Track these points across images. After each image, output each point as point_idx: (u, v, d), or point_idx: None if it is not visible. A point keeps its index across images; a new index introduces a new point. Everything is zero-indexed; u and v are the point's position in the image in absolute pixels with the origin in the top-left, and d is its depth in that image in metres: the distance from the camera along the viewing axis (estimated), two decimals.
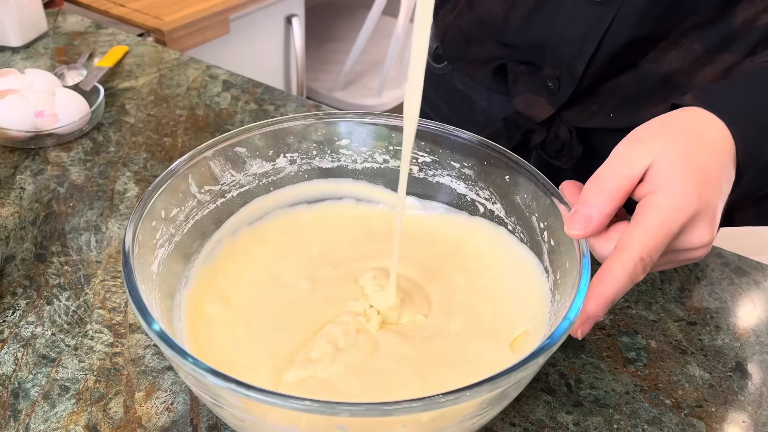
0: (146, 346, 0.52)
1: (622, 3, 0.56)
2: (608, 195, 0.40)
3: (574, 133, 0.66)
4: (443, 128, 0.52)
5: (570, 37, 0.60)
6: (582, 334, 0.39)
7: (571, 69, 0.62)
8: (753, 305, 0.58)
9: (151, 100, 0.83)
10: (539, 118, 0.67)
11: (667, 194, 0.39)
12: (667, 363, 0.53)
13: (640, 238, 0.38)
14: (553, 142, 0.68)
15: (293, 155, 0.55)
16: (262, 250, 0.53)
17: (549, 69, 0.64)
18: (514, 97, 0.69)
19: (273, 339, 0.45)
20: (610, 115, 0.64)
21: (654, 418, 0.48)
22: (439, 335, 0.46)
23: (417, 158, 0.54)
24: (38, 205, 0.65)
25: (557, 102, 0.65)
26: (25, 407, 0.47)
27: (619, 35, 0.58)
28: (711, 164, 0.40)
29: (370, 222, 0.56)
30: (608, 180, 0.40)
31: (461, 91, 0.78)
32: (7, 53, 0.92)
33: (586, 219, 0.40)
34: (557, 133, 0.68)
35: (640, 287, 0.59)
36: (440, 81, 0.81)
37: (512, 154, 0.50)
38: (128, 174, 0.70)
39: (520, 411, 0.48)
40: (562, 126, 0.67)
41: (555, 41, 0.62)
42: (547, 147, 0.69)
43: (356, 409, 0.32)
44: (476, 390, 0.33)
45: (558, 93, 0.64)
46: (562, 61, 0.62)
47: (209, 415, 0.47)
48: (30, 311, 0.54)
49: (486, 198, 0.53)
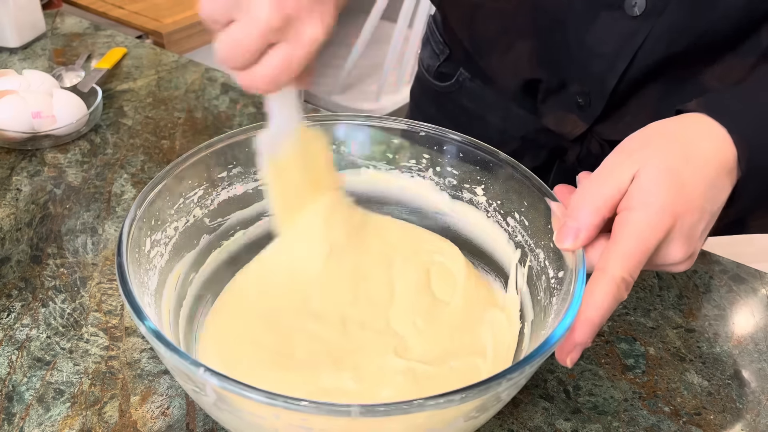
0: (142, 350, 0.51)
1: (658, 18, 0.54)
2: (595, 208, 0.40)
3: (606, 147, 0.66)
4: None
5: (601, 53, 0.58)
6: (571, 362, 0.38)
7: (602, 85, 0.60)
8: (751, 313, 0.58)
9: (149, 102, 0.83)
10: (572, 135, 0.66)
11: (644, 211, 0.38)
12: (666, 370, 0.52)
13: (620, 259, 0.38)
14: (587, 157, 0.67)
15: None
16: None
17: (577, 85, 0.62)
18: (544, 116, 0.67)
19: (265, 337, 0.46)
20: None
21: (653, 426, 0.48)
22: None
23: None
24: (34, 207, 0.65)
25: (589, 118, 0.63)
26: (19, 411, 0.46)
27: (653, 51, 0.56)
28: (695, 179, 0.40)
29: None
30: (595, 193, 0.40)
31: (469, 110, 0.76)
32: (5, 54, 0.92)
33: (575, 232, 0.40)
34: (589, 148, 0.67)
35: (639, 294, 0.59)
36: (442, 99, 0.79)
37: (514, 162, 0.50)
38: (125, 176, 0.69)
39: (518, 418, 0.48)
40: (593, 141, 0.66)
41: (586, 56, 0.59)
42: (583, 162, 0.67)
43: (349, 410, 0.32)
44: (467, 393, 0.33)
45: (589, 109, 0.63)
46: (592, 76, 0.60)
47: (206, 419, 0.47)
48: (25, 313, 0.53)
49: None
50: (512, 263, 0.51)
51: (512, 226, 0.51)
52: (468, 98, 0.76)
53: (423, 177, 0.56)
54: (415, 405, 0.32)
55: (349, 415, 0.32)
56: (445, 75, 0.78)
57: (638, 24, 0.55)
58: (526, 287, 0.49)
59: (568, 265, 0.43)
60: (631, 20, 0.55)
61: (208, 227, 0.52)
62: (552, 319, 0.42)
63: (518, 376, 0.35)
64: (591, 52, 0.58)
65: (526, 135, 0.70)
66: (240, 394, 0.33)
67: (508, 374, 0.34)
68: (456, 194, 0.55)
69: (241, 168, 0.52)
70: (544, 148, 0.70)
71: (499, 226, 0.52)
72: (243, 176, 0.53)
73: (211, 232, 0.52)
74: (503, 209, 0.52)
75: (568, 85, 0.63)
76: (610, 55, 0.57)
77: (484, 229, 0.54)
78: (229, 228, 0.53)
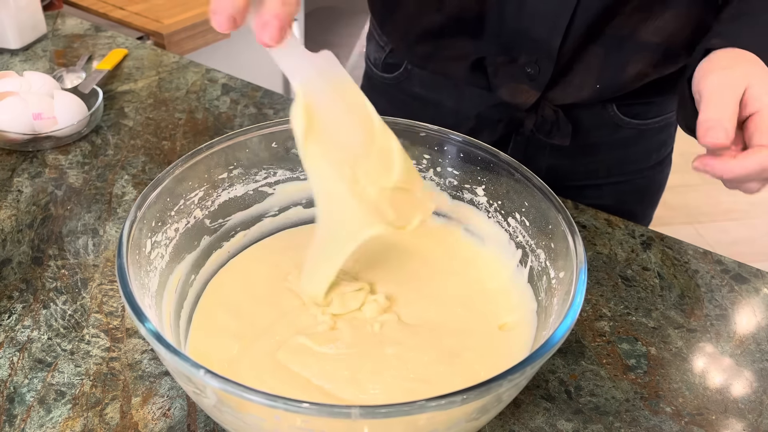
0: (143, 351, 0.51)
1: None
2: (732, 110, 0.46)
3: (560, 113, 0.70)
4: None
5: (543, 13, 0.63)
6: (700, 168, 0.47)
7: (548, 47, 0.64)
8: (753, 312, 0.58)
9: (150, 103, 0.83)
10: (526, 105, 0.70)
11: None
12: (668, 370, 0.52)
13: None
14: (543, 125, 0.71)
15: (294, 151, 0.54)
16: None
17: (526, 55, 0.66)
18: (498, 89, 0.70)
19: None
20: (597, 87, 0.67)
21: (654, 426, 0.48)
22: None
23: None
24: (35, 208, 0.65)
25: (540, 86, 0.68)
26: (20, 412, 0.46)
27: (590, 6, 0.61)
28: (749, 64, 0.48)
29: None
30: (725, 99, 0.47)
31: (421, 96, 0.78)
32: (6, 55, 0.92)
33: (724, 130, 0.46)
34: (543, 116, 0.71)
35: (640, 294, 0.59)
36: (393, 91, 0.81)
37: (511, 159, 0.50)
38: (126, 177, 0.69)
39: (519, 418, 0.48)
40: (546, 108, 0.70)
41: (529, 23, 0.64)
42: (540, 129, 0.72)
43: (349, 411, 0.32)
44: (468, 394, 0.33)
45: (539, 76, 0.67)
46: (538, 41, 0.64)
47: (207, 420, 0.47)
48: (26, 315, 0.53)
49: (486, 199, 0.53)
50: (513, 264, 0.51)
51: (513, 226, 0.51)
52: (418, 85, 0.78)
53: (424, 177, 0.56)
54: (416, 406, 0.32)
55: (350, 417, 0.32)
56: (392, 65, 0.79)
57: None
58: (527, 287, 0.49)
59: (569, 265, 0.43)
60: None
61: (209, 228, 0.52)
62: (553, 320, 0.42)
63: (519, 377, 0.35)
64: (532, 16, 0.63)
65: (481, 112, 0.73)
66: (240, 396, 0.32)
67: (509, 375, 0.34)
68: (457, 194, 0.55)
69: (242, 169, 0.52)
70: (500, 122, 0.73)
71: (500, 226, 0.52)
72: (244, 177, 0.53)
73: (211, 233, 0.52)
74: (504, 210, 0.52)
75: (516, 57, 0.67)
76: (551, 14, 0.62)
77: (485, 230, 0.54)
78: (229, 229, 0.53)
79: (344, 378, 0.43)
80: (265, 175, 0.54)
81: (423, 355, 0.45)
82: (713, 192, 2.26)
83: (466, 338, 0.47)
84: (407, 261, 0.54)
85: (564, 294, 0.42)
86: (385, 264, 0.53)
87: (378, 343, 0.46)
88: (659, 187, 0.85)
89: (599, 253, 0.63)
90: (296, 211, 0.57)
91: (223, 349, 0.46)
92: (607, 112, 0.72)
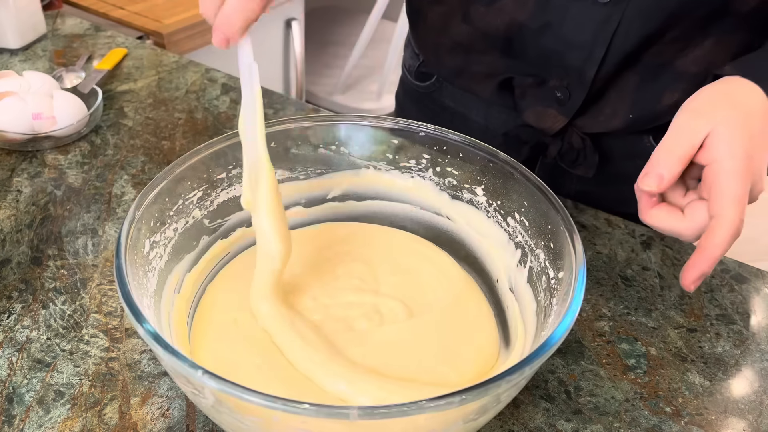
0: (142, 351, 0.51)
1: (629, 2, 0.56)
2: (677, 158, 0.46)
3: (588, 141, 0.67)
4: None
5: (578, 43, 0.60)
6: (695, 287, 0.47)
7: (581, 75, 0.61)
8: (753, 312, 0.58)
9: (150, 103, 0.83)
10: (552, 130, 0.67)
11: (733, 160, 0.45)
12: (667, 370, 0.52)
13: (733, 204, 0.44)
14: (569, 153, 0.68)
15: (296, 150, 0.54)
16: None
17: (556, 79, 0.64)
18: (524, 112, 0.68)
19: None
20: (630, 116, 0.64)
21: (654, 426, 0.48)
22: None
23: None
24: (35, 208, 0.65)
25: (569, 111, 0.65)
26: (19, 412, 0.46)
27: (627, 35, 0.58)
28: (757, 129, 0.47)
29: None
30: (677, 146, 0.46)
31: (451, 108, 0.77)
32: (6, 55, 0.92)
33: (659, 177, 0.46)
34: (570, 143, 0.68)
35: (640, 294, 0.59)
36: (425, 100, 0.80)
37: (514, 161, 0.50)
38: (126, 177, 0.69)
39: (519, 418, 0.48)
40: (574, 135, 0.67)
41: (563, 48, 0.61)
42: (564, 157, 0.69)
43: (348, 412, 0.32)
44: (467, 395, 0.33)
45: (569, 102, 0.64)
46: (570, 68, 0.62)
47: (206, 421, 0.47)
48: (25, 315, 0.53)
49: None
50: (512, 264, 0.51)
51: (512, 226, 0.51)
52: (449, 98, 0.76)
53: (423, 177, 0.56)
54: (414, 407, 0.32)
55: (348, 418, 0.32)
56: (425, 75, 0.78)
57: (610, 9, 0.57)
58: (526, 288, 0.49)
59: (568, 265, 0.43)
60: (602, 6, 0.57)
61: (208, 228, 0.52)
62: (552, 320, 0.42)
63: (518, 377, 0.35)
64: (568, 44, 0.60)
65: (508, 132, 0.71)
66: (239, 397, 0.32)
67: (507, 375, 0.34)
68: (456, 194, 0.55)
69: (241, 169, 0.52)
70: (526, 144, 0.71)
71: (500, 226, 0.52)
72: (242, 177, 0.53)
73: (210, 233, 0.52)
74: (503, 209, 0.52)
75: (546, 80, 0.64)
76: (587, 43, 0.60)
77: (484, 230, 0.54)
78: (228, 229, 0.53)
79: (343, 377, 0.43)
80: None
81: (418, 353, 0.46)
82: None
83: (459, 336, 0.47)
84: (406, 261, 0.54)
85: (563, 294, 0.42)
86: (386, 265, 0.54)
87: (381, 341, 0.47)
88: None
89: (599, 253, 0.63)
90: (296, 211, 0.57)
91: (222, 349, 0.46)
92: (642, 143, 0.69)
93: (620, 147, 0.69)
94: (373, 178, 0.57)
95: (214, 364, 0.45)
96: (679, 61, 0.60)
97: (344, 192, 0.58)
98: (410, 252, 0.56)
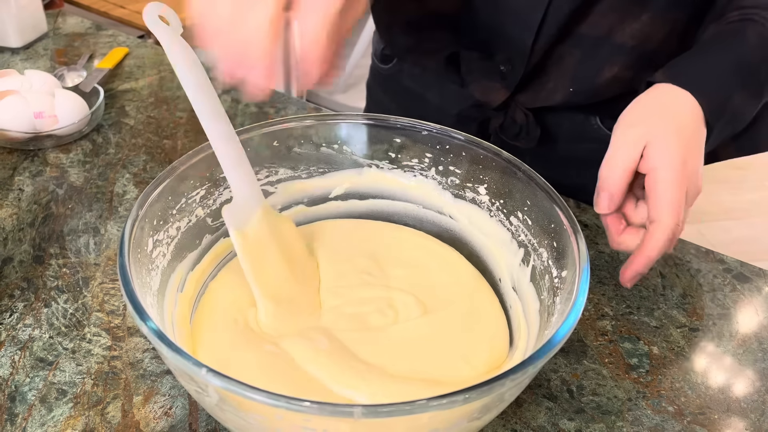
0: (145, 350, 0.51)
1: None
2: (621, 171, 0.49)
3: (530, 116, 0.70)
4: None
5: (516, 10, 0.63)
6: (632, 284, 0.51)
7: (520, 46, 0.64)
8: (755, 312, 0.58)
9: (151, 101, 0.83)
10: (495, 103, 0.71)
11: (670, 167, 0.48)
12: (670, 370, 0.52)
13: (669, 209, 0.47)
14: (511, 126, 0.72)
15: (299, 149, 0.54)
16: None
17: (501, 54, 0.67)
18: (470, 85, 0.71)
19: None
20: (570, 90, 0.67)
21: (656, 425, 0.48)
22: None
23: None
24: (37, 207, 0.65)
25: (511, 84, 0.68)
26: (22, 411, 0.46)
27: (562, 3, 0.61)
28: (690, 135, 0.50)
29: None
30: (619, 160, 0.49)
31: (411, 90, 0.80)
32: (7, 54, 0.92)
33: (609, 197, 0.49)
34: (513, 118, 0.71)
35: (642, 293, 0.59)
36: (389, 82, 0.83)
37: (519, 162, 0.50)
38: (127, 176, 0.69)
39: (521, 417, 0.48)
40: (517, 110, 0.71)
41: (503, 19, 0.64)
42: (506, 131, 0.72)
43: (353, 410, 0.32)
44: (470, 394, 0.33)
45: (511, 74, 0.67)
46: (511, 39, 0.64)
47: (208, 419, 0.47)
48: (28, 314, 0.53)
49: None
50: (515, 263, 0.51)
51: (515, 225, 0.51)
52: (408, 79, 0.80)
53: (426, 176, 0.55)
54: (418, 405, 0.32)
55: (352, 416, 0.32)
56: (387, 57, 0.81)
57: None
58: (529, 287, 0.49)
59: (571, 264, 0.42)
60: None
61: (211, 227, 0.52)
62: (555, 319, 0.42)
63: (521, 376, 0.35)
64: (506, 13, 0.63)
65: (462, 110, 0.75)
66: (243, 395, 0.32)
67: (511, 374, 0.34)
68: (459, 193, 0.55)
69: None
70: (474, 122, 0.75)
71: (502, 225, 0.52)
72: None
73: (213, 231, 0.52)
74: (506, 208, 0.52)
75: (492, 54, 0.67)
76: (523, 11, 0.62)
77: (487, 229, 0.54)
78: None
79: (346, 374, 0.43)
80: (267, 173, 0.54)
81: (434, 351, 0.46)
82: (715, 191, 2.25)
83: (474, 332, 0.48)
84: (416, 260, 0.54)
85: (566, 293, 0.42)
86: (392, 259, 0.54)
87: (383, 340, 0.46)
88: None
89: (601, 252, 0.63)
90: (298, 210, 0.57)
91: (224, 348, 0.46)
92: (590, 124, 0.72)
93: (568, 126, 0.72)
94: (376, 177, 0.57)
95: (216, 363, 0.44)
96: (617, 34, 0.63)
97: (347, 191, 0.57)
98: (415, 246, 0.56)
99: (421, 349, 0.46)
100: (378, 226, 0.58)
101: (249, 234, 0.47)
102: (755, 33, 0.55)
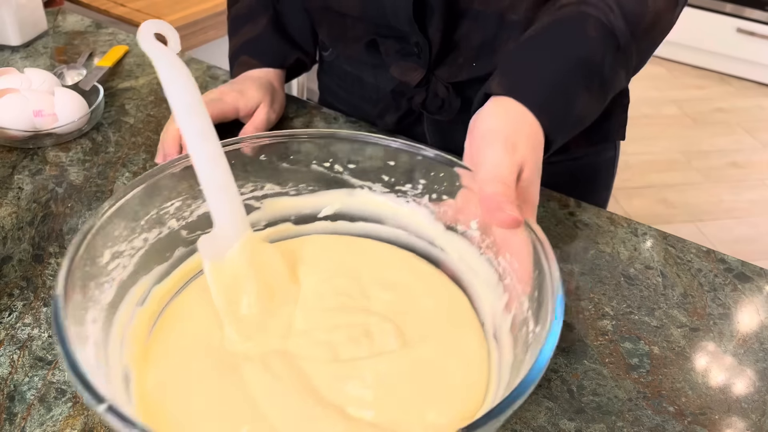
0: None
1: None
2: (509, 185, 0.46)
3: (451, 89, 0.73)
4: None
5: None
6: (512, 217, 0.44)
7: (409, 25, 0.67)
8: (756, 311, 0.58)
9: (151, 100, 0.82)
10: (414, 82, 0.73)
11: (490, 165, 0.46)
12: (671, 370, 0.52)
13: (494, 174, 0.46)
14: (434, 101, 0.74)
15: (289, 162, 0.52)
16: None
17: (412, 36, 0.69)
18: (390, 67, 0.74)
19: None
20: (473, 65, 0.70)
21: (657, 426, 0.48)
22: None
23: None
24: (36, 206, 0.64)
25: (425, 62, 0.71)
26: (20, 410, 0.46)
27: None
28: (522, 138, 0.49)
29: None
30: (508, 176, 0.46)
31: (351, 73, 0.83)
32: (7, 52, 0.92)
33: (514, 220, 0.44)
34: (436, 92, 0.73)
35: (643, 293, 0.59)
36: (331, 67, 0.86)
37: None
38: (127, 175, 0.69)
39: (521, 418, 0.48)
40: (438, 85, 0.73)
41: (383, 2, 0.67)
42: (429, 106, 0.75)
43: None
44: None
45: (422, 54, 0.70)
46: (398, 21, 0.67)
47: None
48: (27, 313, 0.53)
49: None
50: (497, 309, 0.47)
51: (503, 266, 0.47)
52: (346, 63, 0.83)
53: (418, 203, 0.52)
54: None
55: None
56: (326, 44, 0.85)
57: None
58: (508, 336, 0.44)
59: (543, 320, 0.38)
60: None
61: (185, 239, 0.49)
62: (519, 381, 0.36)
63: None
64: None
65: (395, 88, 0.77)
66: None
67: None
68: (450, 225, 0.51)
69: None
70: (404, 97, 0.77)
71: (490, 264, 0.48)
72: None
73: (188, 244, 0.49)
74: (496, 246, 0.47)
75: (406, 36, 0.70)
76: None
77: (476, 266, 0.50)
78: None
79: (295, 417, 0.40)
80: (252, 187, 0.52)
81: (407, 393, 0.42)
82: (715, 190, 2.25)
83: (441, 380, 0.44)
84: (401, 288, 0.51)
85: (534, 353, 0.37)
86: (380, 285, 0.50)
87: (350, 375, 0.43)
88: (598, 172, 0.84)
89: (602, 252, 0.63)
90: (285, 228, 0.54)
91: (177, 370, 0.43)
92: None
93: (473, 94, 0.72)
94: (367, 199, 0.53)
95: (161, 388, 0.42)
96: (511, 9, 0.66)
97: (336, 211, 0.54)
98: (401, 266, 0.52)
99: (389, 391, 0.42)
100: (363, 242, 0.54)
101: (225, 266, 0.44)
102: (595, 26, 0.54)
